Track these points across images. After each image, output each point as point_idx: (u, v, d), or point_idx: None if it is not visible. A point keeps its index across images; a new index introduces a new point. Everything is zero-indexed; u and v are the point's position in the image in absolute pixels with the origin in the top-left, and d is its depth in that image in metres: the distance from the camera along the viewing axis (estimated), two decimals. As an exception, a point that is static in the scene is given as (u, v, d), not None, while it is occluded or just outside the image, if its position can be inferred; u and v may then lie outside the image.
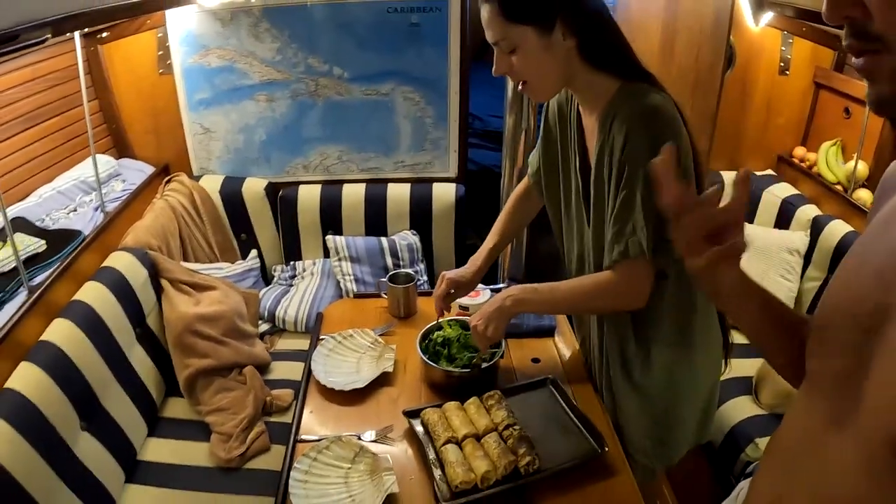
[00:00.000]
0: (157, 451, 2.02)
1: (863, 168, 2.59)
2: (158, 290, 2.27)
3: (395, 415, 1.56)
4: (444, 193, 2.94)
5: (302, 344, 2.53)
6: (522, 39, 1.33)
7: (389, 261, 2.81)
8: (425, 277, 2.88)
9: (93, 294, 1.96)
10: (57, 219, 2.29)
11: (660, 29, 2.65)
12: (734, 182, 0.84)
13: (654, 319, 1.48)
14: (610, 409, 1.62)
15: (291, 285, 2.86)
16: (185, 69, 2.77)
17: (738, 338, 1.52)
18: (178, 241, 2.60)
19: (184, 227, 2.66)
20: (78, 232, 2.19)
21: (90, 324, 1.87)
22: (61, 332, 1.78)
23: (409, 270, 2.03)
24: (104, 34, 2.58)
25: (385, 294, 2.02)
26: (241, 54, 2.75)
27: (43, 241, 2.08)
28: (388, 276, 2.01)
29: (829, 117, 2.90)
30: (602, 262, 1.44)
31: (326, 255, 2.90)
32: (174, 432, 2.10)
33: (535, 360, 1.79)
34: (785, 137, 3.07)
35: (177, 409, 2.20)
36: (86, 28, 2.28)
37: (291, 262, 2.97)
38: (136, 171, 2.78)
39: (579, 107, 1.50)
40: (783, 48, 2.91)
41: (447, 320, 1.76)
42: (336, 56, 2.79)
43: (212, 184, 2.88)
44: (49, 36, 1.65)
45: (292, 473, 1.37)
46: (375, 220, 2.94)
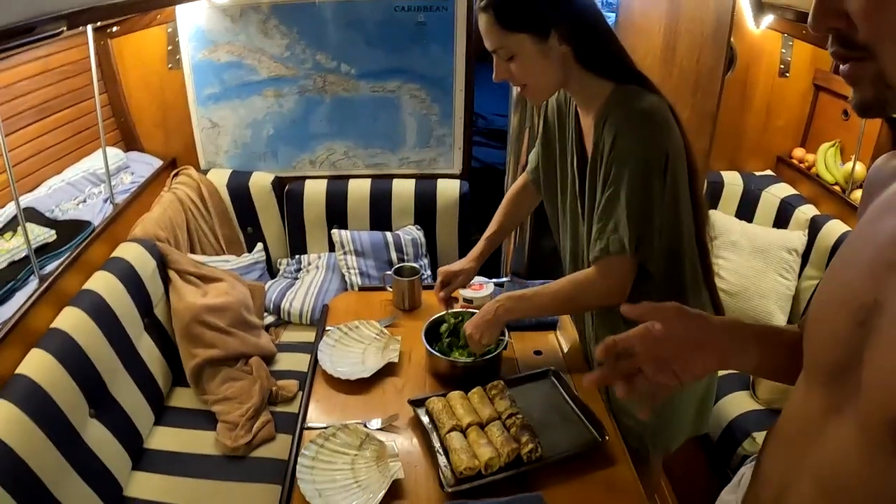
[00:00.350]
0: (164, 439, 2.05)
1: (860, 169, 2.61)
2: (166, 281, 2.30)
3: (401, 404, 1.58)
4: (448, 189, 2.97)
5: (306, 336, 2.57)
6: (520, 47, 1.36)
7: (394, 255, 2.84)
8: (429, 272, 2.91)
9: (102, 284, 1.99)
10: (66, 210, 2.31)
11: (662, 32, 2.68)
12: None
13: None
14: (606, 396, 1.64)
15: (296, 278, 2.89)
16: (194, 64, 2.80)
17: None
18: (185, 234, 2.63)
19: (191, 219, 2.69)
20: (88, 222, 2.22)
21: (100, 313, 1.90)
22: (72, 320, 1.81)
23: (414, 264, 2.06)
24: (114, 28, 2.60)
25: (390, 287, 2.05)
26: (250, 50, 2.78)
27: (53, 231, 2.11)
28: (393, 269, 2.04)
29: (827, 119, 2.93)
30: None
31: (331, 248, 2.93)
32: (180, 421, 2.12)
33: (538, 352, 1.82)
34: (784, 138, 3.10)
35: (183, 398, 2.23)
36: (100, 21, 2.30)
37: (297, 256, 3.00)
38: (144, 164, 2.80)
39: (577, 107, 1.53)
40: (783, 50, 2.94)
41: (450, 313, 1.80)
42: (344, 53, 2.82)
43: (219, 177, 2.91)
44: (64, 29, 1.68)
45: (300, 460, 1.39)
46: (380, 215, 2.97)
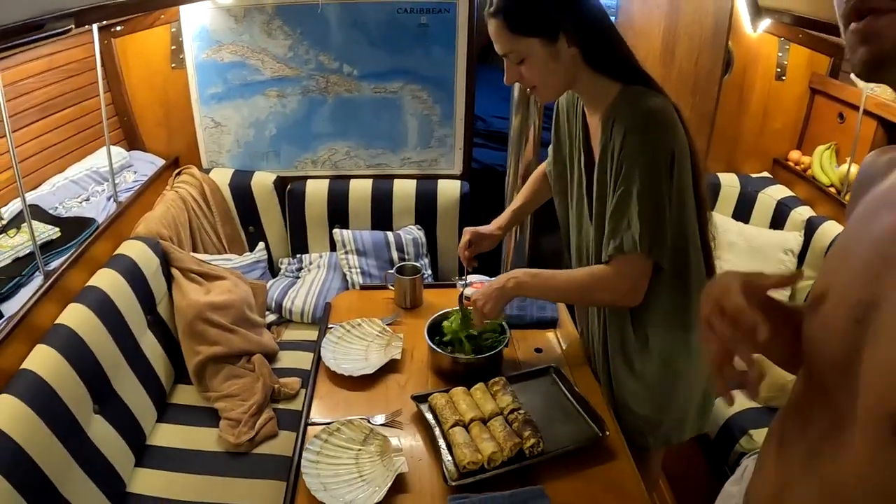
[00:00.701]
0: (166, 435, 2.06)
1: (856, 171, 2.64)
2: (169, 279, 2.31)
3: (404, 400, 1.60)
4: (448, 190, 2.99)
5: (308, 334, 2.58)
6: (529, 50, 1.39)
7: (395, 254, 2.86)
8: (430, 271, 2.94)
9: (106, 280, 2.00)
10: (70, 207, 2.33)
11: (661, 35, 2.71)
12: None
13: (650, 307, 1.53)
14: (608, 394, 1.67)
15: (298, 277, 2.91)
16: (197, 64, 2.81)
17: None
18: (188, 232, 2.65)
19: (194, 218, 2.71)
20: (92, 220, 2.24)
21: (104, 309, 1.91)
22: (76, 317, 1.82)
23: (416, 263, 2.08)
24: (118, 27, 2.62)
25: (392, 286, 2.06)
26: (254, 50, 2.80)
27: (57, 229, 2.12)
28: (395, 268, 2.05)
29: (823, 122, 2.96)
30: (601, 257, 1.50)
31: (333, 248, 2.94)
32: (182, 418, 2.14)
33: (538, 349, 1.84)
34: (781, 141, 3.13)
35: (185, 395, 2.24)
36: (108, 20, 2.31)
37: (298, 255, 3.01)
38: (147, 163, 2.82)
39: (584, 108, 1.56)
40: (780, 54, 2.96)
41: (454, 310, 1.81)
42: (346, 54, 2.84)
43: (222, 177, 2.93)
44: (72, 26, 1.69)
45: (304, 454, 1.41)
46: (381, 214, 2.98)
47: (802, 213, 2.70)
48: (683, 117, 1.42)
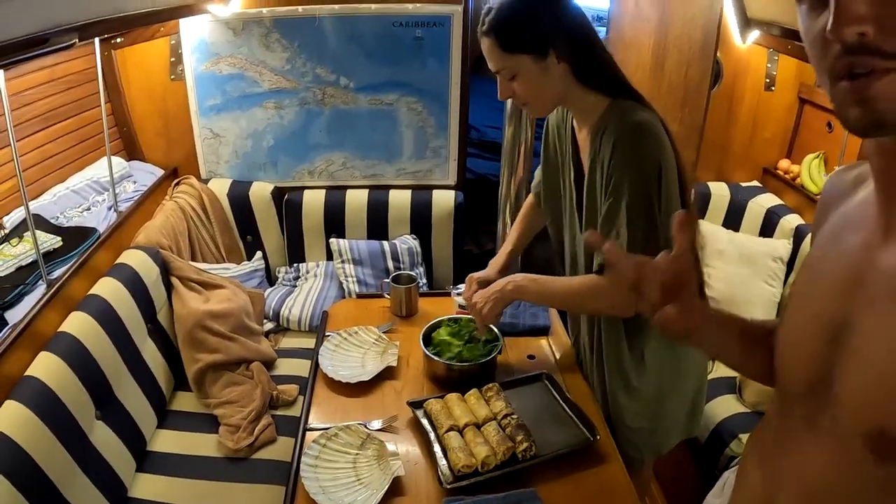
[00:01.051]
0: (166, 441, 2.08)
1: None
2: (169, 288, 2.35)
3: (400, 406, 1.63)
4: (443, 200, 3.03)
5: (305, 342, 2.61)
6: (520, 67, 1.43)
7: (390, 264, 2.90)
8: (425, 280, 2.97)
9: (108, 289, 2.03)
10: (71, 217, 2.36)
11: (651, 47, 2.75)
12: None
13: (641, 319, 1.55)
14: (602, 405, 1.69)
15: (295, 286, 2.94)
16: (196, 76, 2.85)
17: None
18: (187, 242, 2.68)
19: (192, 228, 2.74)
20: (94, 229, 2.27)
21: (106, 317, 1.94)
22: (79, 324, 1.85)
23: (411, 272, 2.12)
24: (119, 39, 2.65)
25: (388, 294, 2.09)
26: (252, 63, 2.84)
27: (59, 238, 2.15)
28: (391, 276, 2.08)
29: (812, 131, 3.00)
30: (592, 267, 1.53)
31: (329, 257, 2.98)
32: (182, 424, 2.16)
33: (531, 356, 1.87)
34: (770, 150, 3.17)
35: (184, 402, 2.27)
36: (109, 33, 2.34)
37: (295, 264, 3.05)
38: (146, 173, 2.86)
39: (573, 122, 1.60)
40: (769, 65, 3.01)
41: (447, 319, 1.85)
42: (343, 66, 2.88)
43: (220, 187, 2.96)
44: (76, 40, 1.73)
45: (303, 459, 1.43)
46: (377, 224, 3.02)
47: (791, 221, 2.74)
48: (670, 131, 1.46)
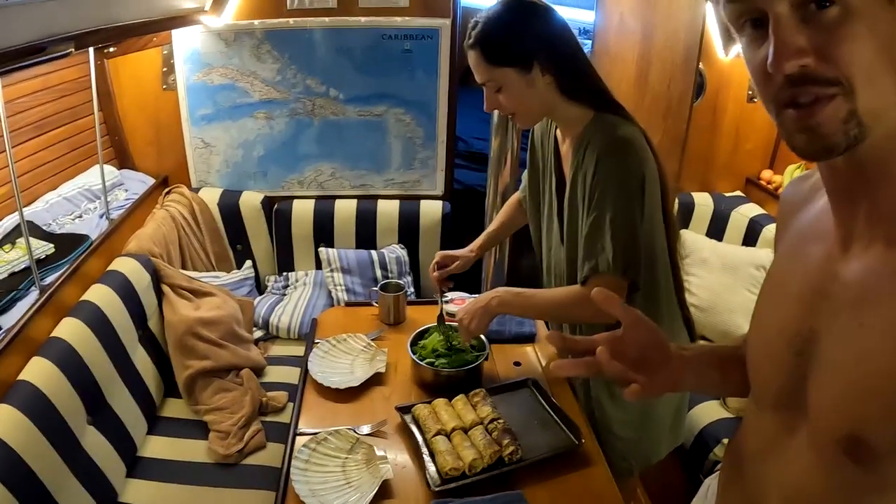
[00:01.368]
0: (157, 447, 2.09)
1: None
2: (159, 295, 2.36)
3: (388, 411, 1.65)
4: (430, 210, 3.07)
5: (294, 350, 2.63)
6: (506, 79, 1.47)
7: (379, 272, 2.93)
8: (412, 288, 3.01)
9: (100, 296, 2.05)
10: (63, 224, 2.38)
11: (635, 60, 2.80)
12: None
13: None
14: (588, 413, 1.72)
15: (284, 294, 2.96)
16: (188, 86, 2.88)
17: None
18: (177, 250, 2.70)
19: (183, 236, 2.76)
20: (86, 236, 2.29)
21: (98, 323, 1.95)
22: (71, 330, 1.86)
23: (399, 281, 2.14)
24: (111, 49, 2.66)
25: (376, 302, 2.11)
26: (243, 74, 2.87)
27: (52, 245, 2.17)
28: (379, 285, 2.11)
29: (794, 143, 3.07)
30: (571, 275, 1.57)
31: (318, 266, 3.00)
32: (172, 430, 2.17)
33: (517, 363, 1.90)
34: (753, 161, 3.22)
35: (174, 409, 2.28)
36: (105, 43, 2.36)
37: (284, 273, 3.07)
38: (138, 182, 2.88)
39: (557, 134, 1.64)
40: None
41: (434, 327, 1.88)
42: (333, 78, 2.92)
43: (210, 196, 2.99)
44: (72, 49, 1.76)
45: (293, 463, 1.45)
46: (366, 233, 3.05)
47: (774, 230, 2.77)
48: (653, 144, 1.50)
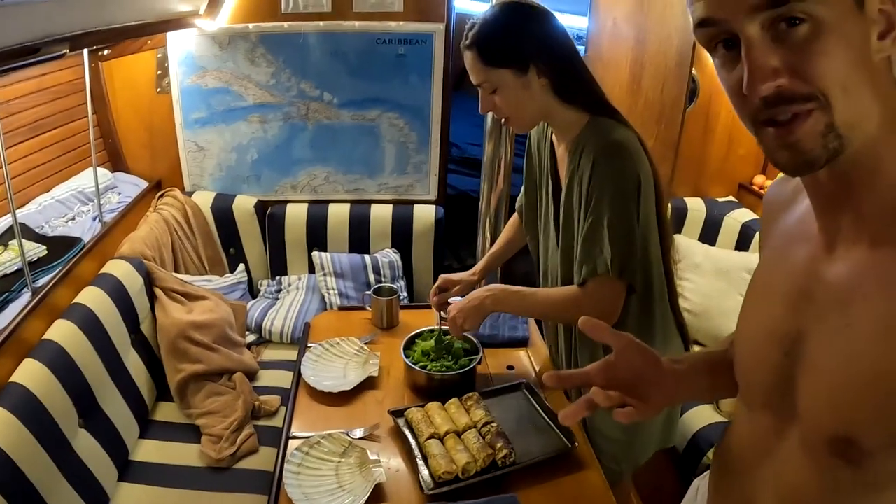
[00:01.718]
0: (149, 451, 2.08)
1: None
2: (152, 299, 2.35)
3: (381, 414, 1.65)
4: (424, 214, 3.07)
5: (287, 354, 2.62)
6: (502, 81, 1.48)
7: (372, 277, 2.93)
8: (405, 293, 3.01)
9: (92, 298, 2.04)
10: (55, 226, 2.37)
11: (629, 65, 2.81)
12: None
13: (620, 329, 1.60)
14: (581, 421, 1.71)
15: (277, 299, 2.96)
16: (182, 89, 2.88)
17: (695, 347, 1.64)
18: (170, 253, 2.70)
19: (176, 239, 2.76)
20: (79, 239, 2.28)
21: (90, 326, 1.95)
22: (63, 333, 1.86)
23: (392, 285, 2.14)
24: (106, 51, 2.66)
25: (369, 307, 2.11)
26: (237, 77, 2.87)
27: (44, 247, 2.16)
28: (372, 289, 2.11)
29: (786, 148, 3.09)
30: (567, 279, 1.57)
31: (311, 270, 3.00)
32: (164, 434, 2.16)
33: (510, 367, 1.90)
34: (745, 166, 3.24)
35: (166, 412, 2.27)
36: (99, 45, 2.36)
37: (277, 277, 3.07)
38: (131, 185, 2.87)
39: (553, 137, 1.65)
40: (745, 83, 3.09)
41: (427, 330, 1.88)
42: (327, 82, 2.93)
43: (204, 199, 2.98)
44: (67, 50, 1.76)
45: (286, 466, 1.45)
46: (359, 238, 3.05)
47: (763, 233, 2.80)
48: (647, 147, 1.51)
